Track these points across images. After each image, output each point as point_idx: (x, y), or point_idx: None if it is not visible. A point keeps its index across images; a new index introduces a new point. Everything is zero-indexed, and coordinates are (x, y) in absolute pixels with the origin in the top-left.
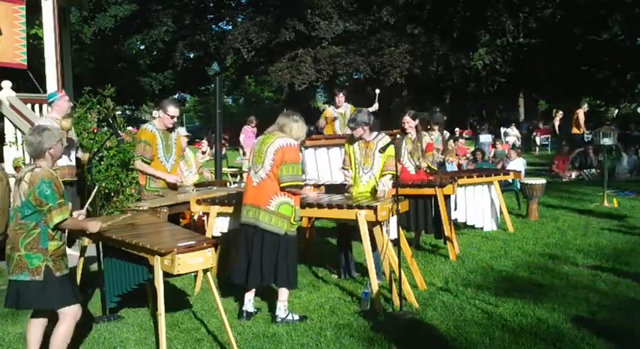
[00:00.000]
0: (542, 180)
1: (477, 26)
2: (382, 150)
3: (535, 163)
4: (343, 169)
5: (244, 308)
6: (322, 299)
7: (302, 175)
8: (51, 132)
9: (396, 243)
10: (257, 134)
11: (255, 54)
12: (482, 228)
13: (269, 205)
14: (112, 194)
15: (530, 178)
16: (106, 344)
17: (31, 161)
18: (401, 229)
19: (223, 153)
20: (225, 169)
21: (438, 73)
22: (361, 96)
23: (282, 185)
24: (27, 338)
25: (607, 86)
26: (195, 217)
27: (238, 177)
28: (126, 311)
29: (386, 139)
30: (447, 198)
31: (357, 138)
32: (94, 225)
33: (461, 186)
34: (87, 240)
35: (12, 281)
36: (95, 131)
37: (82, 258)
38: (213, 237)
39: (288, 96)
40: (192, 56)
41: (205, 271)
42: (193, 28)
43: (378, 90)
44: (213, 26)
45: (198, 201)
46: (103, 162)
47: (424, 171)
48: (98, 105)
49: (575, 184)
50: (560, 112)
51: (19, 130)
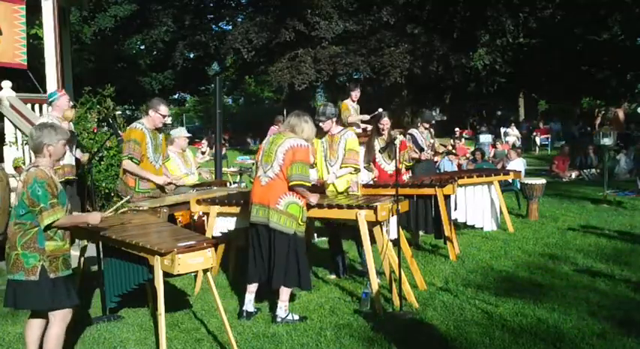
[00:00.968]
0: (542, 180)
1: (477, 26)
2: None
3: (535, 163)
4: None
5: (244, 308)
6: (322, 299)
7: (310, 176)
8: (53, 130)
9: (396, 243)
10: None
11: (255, 54)
12: (482, 228)
13: (278, 204)
14: (112, 194)
15: (530, 178)
16: (106, 344)
17: (31, 160)
18: (401, 229)
19: (223, 153)
20: (225, 169)
21: (438, 72)
22: (362, 96)
23: (290, 184)
24: (25, 338)
25: (607, 86)
26: (195, 217)
27: (239, 177)
28: (126, 311)
29: (349, 134)
30: (447, 198)
31: (325, 133)
32: (94, 217)
33: (461, 186)
34: (87, 240)
35: (9, 280)
36: (95, 131)
37: (82, 258)
38: (213, 237)
39: (288, 96)
40: (192, 56)
41: (205, 271)
42: (193, 28)
43: (381, 110)
44: (213, 26)
45: (198, 201)
46: (103, 162)
47: (404, 170)
48: (98, 105)
49: (575, 184)
50: (603, 112)
51: (19, 130)
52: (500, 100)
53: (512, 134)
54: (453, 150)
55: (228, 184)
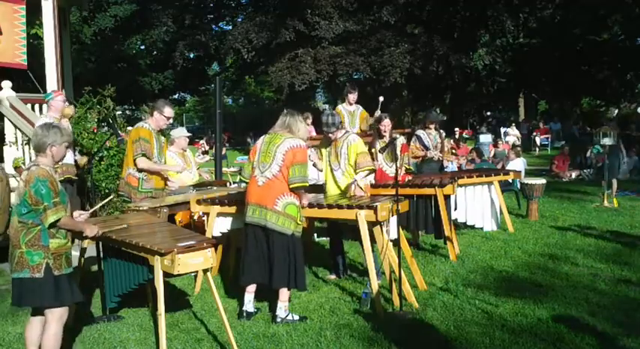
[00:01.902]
0: (542, 180)
1: (477, 26)
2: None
3: (535, 163)
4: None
5: (244, 308)
6: (322, 299)
7: (308, 176)
8: (59, 132)
9: (396, 243)
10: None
11: (255, 54)
12: (482, 228)
13: (276, 205)
14: (112, 194)
15: (530, 178)
16: (106, 344)
17: (31, 159)
18: (401, 229)
19: (223, 153)
20: (225, 169)
21: (438, 73)
22: (361, 96)
23: (291, 186)
24: (25, 339)
25: (607, 86)
26: (195, 217)
27: (239, 177)
28: (126, 311)
29: (352, 137)
30: (447, 198)
31: (332, 141)
32: (91, 230)
33: (461, 186)
34: (87, 241)
35: (14, 279)
36: (95, 131)
37: (82, 258)
38: (213, 237)
39: (288, 96)
40: (192, 56)
41: (205, 271)
42: (193, 28)
43: (382, 98)
44: (213, 26)
45: (198, 201)
46: (103, 162)
47: (404, 173)
48: (98, 105)
49: (575, 184)
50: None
51: (19, 130)
52: (500, 100)
53: (512, 134)
54: (454, 150)
55: (228, 184)
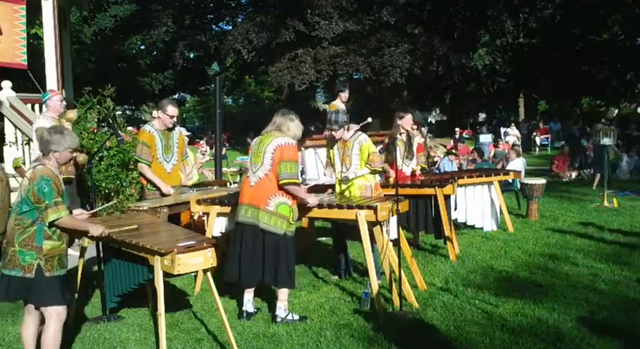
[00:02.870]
0: (542, 180)
1: (477, 26)
2: (382, 150)
3: (535, 163)
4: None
5: (244, 309)
6: (322, 299)
7: (299, 174)
8: (63, 138)
9: (396, 243)
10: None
11: (255, 54)
12: (482, 228)
13: (268, 205)
14: (112, 194)
15: (530, 178)
16: (106, 344)
17: (31, 159)
18: (401, 229)
19: (223, 153)
20: (225, 169)
21: (438, 73)
22: (361, 96)
23: (280, 182)
24: (22, 337)
25: (607, 86)
26: (195, 217)
27: (239, 177)
28: (126, 311)
29: (362, 137)
30: (447, 198)
31: (337, 140)
32: (96, 229)
33: (461, 186)
34: (87, 241)
35: (4, 275)
36: (95, 131)
37: (82, 259)
38: (213, 237)
39: (288, 96)
40: (192, 56)
41: (205, 271)
42: (193, 28)
43: (370, 120)
44: (213, 26)
45: (198, 201)
46: (103, 162)
47: (419, 172)
48: (98, 105)
49: (575, 184)
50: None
51: (19, 130)
52: (500, 100)
53: (512, 134)
54: (453, 150)
55: (228, 184)
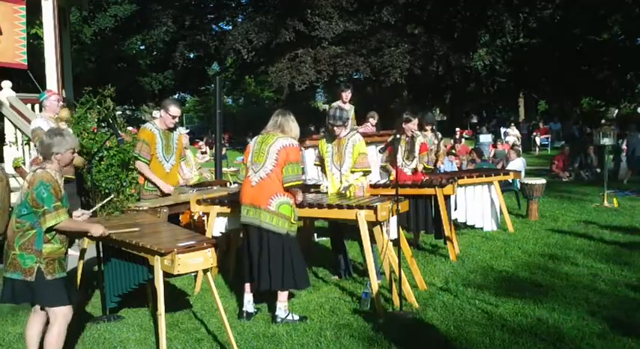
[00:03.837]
0: (542, 180)
1: (477, 26)
2: (382, 150)
3: (535, 163)
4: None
5: (244, 309)
6: (322, 299)
7: (302, 175)
8: (64, 139)
9: (396, 243)
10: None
11: (255, 54)
12: (482, 228)
13: (269, 205)
14: (112, 194)
15: (530, 178)
16: (106, 344)
17: (35, 158)
18: (401, 229)
19: (223, 153)
20: (225, 169)
21: (438, 73)
22: (361, 96)
23: (285, 185)
24: (26, 336)
25: (607, 86)
26: (195, 217)
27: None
28: (126, 311)
29: (357, 136)
30: (447, 198)
31: (336, 136)
32: (97, 229)
33: (461, 186)
34: (87, 241)
35: (6, 278)
36: (95, 131)
37: (82, 260)
38: (213, 237)
39: (288, 96)
40: (192, 56)
41: (205, 271)
42: (193, 28)
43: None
44: (214, 26)
45: (198, 201)
46: (103, 162)
47: (420, 172)
48: (98, 105)
49: (575, 184)
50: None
51: (19, 130)
52: (500, 100)
53: (512, 134)
54: (453, 150)
55: (228, 184)
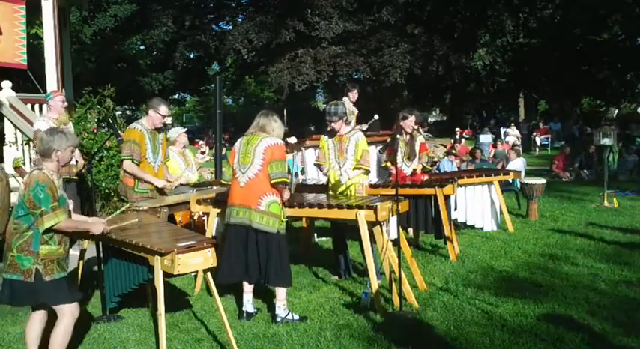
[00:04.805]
0: (542, 180)
1: (477, 26)
2: (382, 150)
3: (535, 163)
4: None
5: (244, 309)
6: (322, 299)
7: (288, 173)
8: (64, 137)
9: (396, 243)
10: None
11: (255, 54)
12: (482, 228)
13: (259, 205)
14: (112, 194)
15: (530, 178)
16: (106, 344)
17: (31, 159)
18: (401, 229)
19: (223, 153)
20: (225, 169)
21: (438, 73)
22: (361, 96)
23: (272, 181)
24: (26, 335)
25: (607, 86)
26: (195, 217)
27: None
28: (126, 311)
29: (359, 134)
30: (447, 198)
31: (335, 133)
32: (97, 227)
33: (461, 186)
34: (87, 242)
35: (6, 279)
36: (95, 131)
37: (82, 259)
38: (213, 237)
39: (288, 96)
40: (192, 56)
41: (205, 271)
42: (193, 29)
43: (377, 117)
44: (213, 26)
45: (198, 201)
46: (103, 162)
47: (420, 172)
48: (98, 105)
49: (575, 184)
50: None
51: (19, 130)
52: (500, 100)
53: (512, 134)
54: (453, 150)
55: None
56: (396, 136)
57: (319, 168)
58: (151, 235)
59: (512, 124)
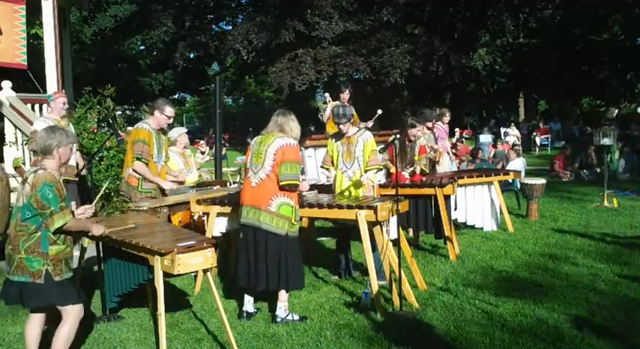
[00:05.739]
0: (542, 180)
1: (477, 26)
2: (382, 150)
3: (535, 163)
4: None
5: (244, 309)
6: (322, 299)
7: (300, 175)
8: (64, 134)
9: (396, 243)
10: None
11: (255, 54)
12: (482, 228)
13: (269, 206)
14: (112, 194)
15: (530, 178)
16: (106, 344)
17: (31, 160)
18: (401, 229)
19: (223, 153)
20: (225, 169)
21: (438, 73)
22: (361, 96)
23: (281, 183)
24: (25, 336)
25: (607, 86)
26: (195, 217)
27: (239, 177)
28: (126, 311)
29: (367, 134)
30: (447, 198)
31: (342, 135)
32: (97, 228)
33: (461, 186)
34: (87, 241)
35: (14, 281)
36: (95, 131)
37: (82, 259)
38: (213, 237)
39: (288, 96)
40: (192, 56)
41: (205, 271)
42: (193, 29)
43: (380, 111)
44: (214, 26)
45: (198, 201)
46: (103, 162)
47: (419, 174)
48: (98, 105)
49: (575, 184)
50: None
51: (19, 130)
52: (500, 100)
53: (512, 134)
54: (453, 150)
55: (228, 184)
56: (397, 136)
57: (325, 172)
58: (151, 235)
59: (512, 124)
